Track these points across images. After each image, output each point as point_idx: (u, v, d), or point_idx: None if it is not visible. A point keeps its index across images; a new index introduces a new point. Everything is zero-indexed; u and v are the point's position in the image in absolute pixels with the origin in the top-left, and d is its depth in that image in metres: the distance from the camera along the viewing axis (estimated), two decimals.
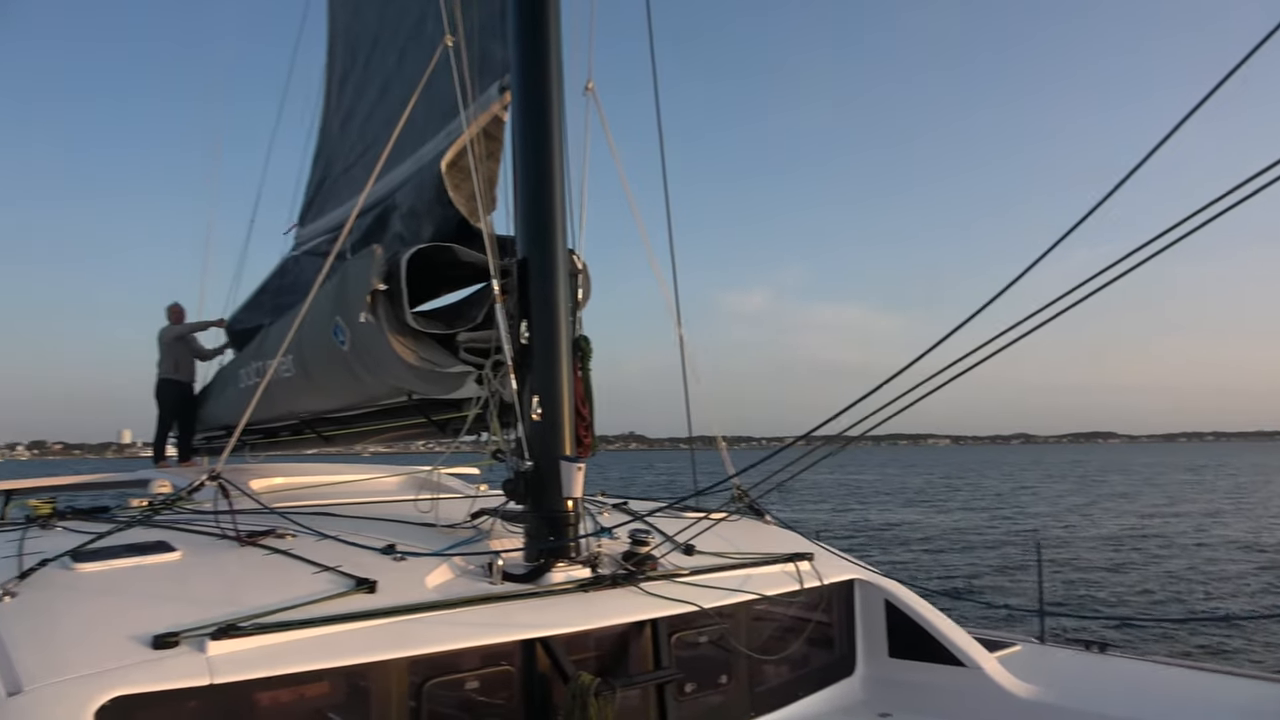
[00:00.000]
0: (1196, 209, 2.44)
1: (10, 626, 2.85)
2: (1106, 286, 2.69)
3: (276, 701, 3.02)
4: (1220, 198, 2.40)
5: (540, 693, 3.49)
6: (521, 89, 4.25)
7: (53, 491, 7.02)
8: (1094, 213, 2.65)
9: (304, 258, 7.04)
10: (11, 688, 2.58)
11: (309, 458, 8.23)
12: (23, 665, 2.65)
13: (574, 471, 3.85)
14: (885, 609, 4.72)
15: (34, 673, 2.62)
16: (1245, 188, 2.35)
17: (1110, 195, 2.63)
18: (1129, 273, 2.62)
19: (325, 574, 3.43)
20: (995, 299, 2.92)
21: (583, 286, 4.48)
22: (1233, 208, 2.39)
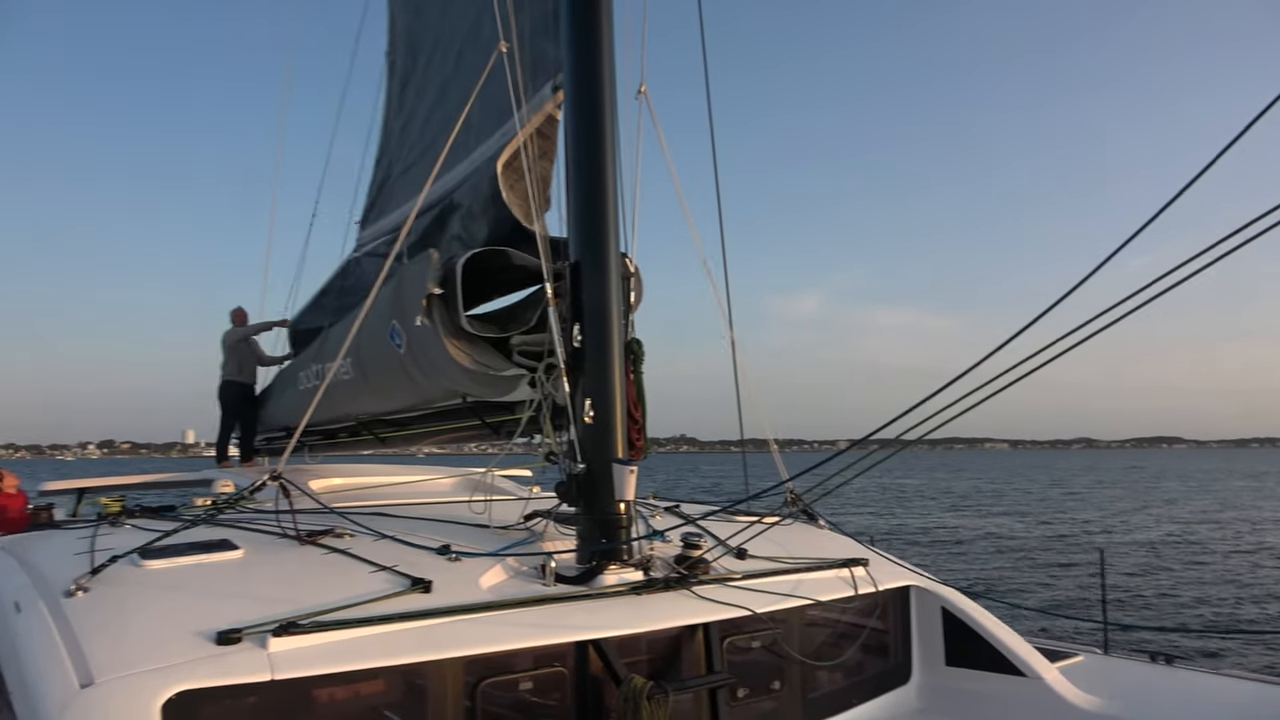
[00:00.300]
0: (1269, 209, 2.36)
1: (82, 621, 2.95)
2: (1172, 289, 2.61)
3: (334, 698, 3.08)
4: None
5: (593, 695, 3.50)
6: (574, 93, 4.28)
7: (122, 490, 7.25)
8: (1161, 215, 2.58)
9: (365, 259, 7.19)
10: (83, 680, 2.67)
11: (365, 458, 8.37)
12: (94, 658, 2.74)
13: (626, 474, 3.86)
14: (942, 616, 4.64)
15: (104, 666, 2.71)
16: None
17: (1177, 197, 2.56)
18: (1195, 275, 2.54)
19: (382, 573, 3.48)
20: (1057, 304, 2.85)
21: (635, 289, 4.50)
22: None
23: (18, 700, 2.82)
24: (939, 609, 4.66)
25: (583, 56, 4.26)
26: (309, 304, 8.10)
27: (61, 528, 4.81)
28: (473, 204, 5.21)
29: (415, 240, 5.80)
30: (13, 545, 4.13)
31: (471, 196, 5.24)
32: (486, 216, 5.03)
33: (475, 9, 5.59)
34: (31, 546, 4.00)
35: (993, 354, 2.94)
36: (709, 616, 3.76)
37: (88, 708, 2.58)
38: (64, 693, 2.63)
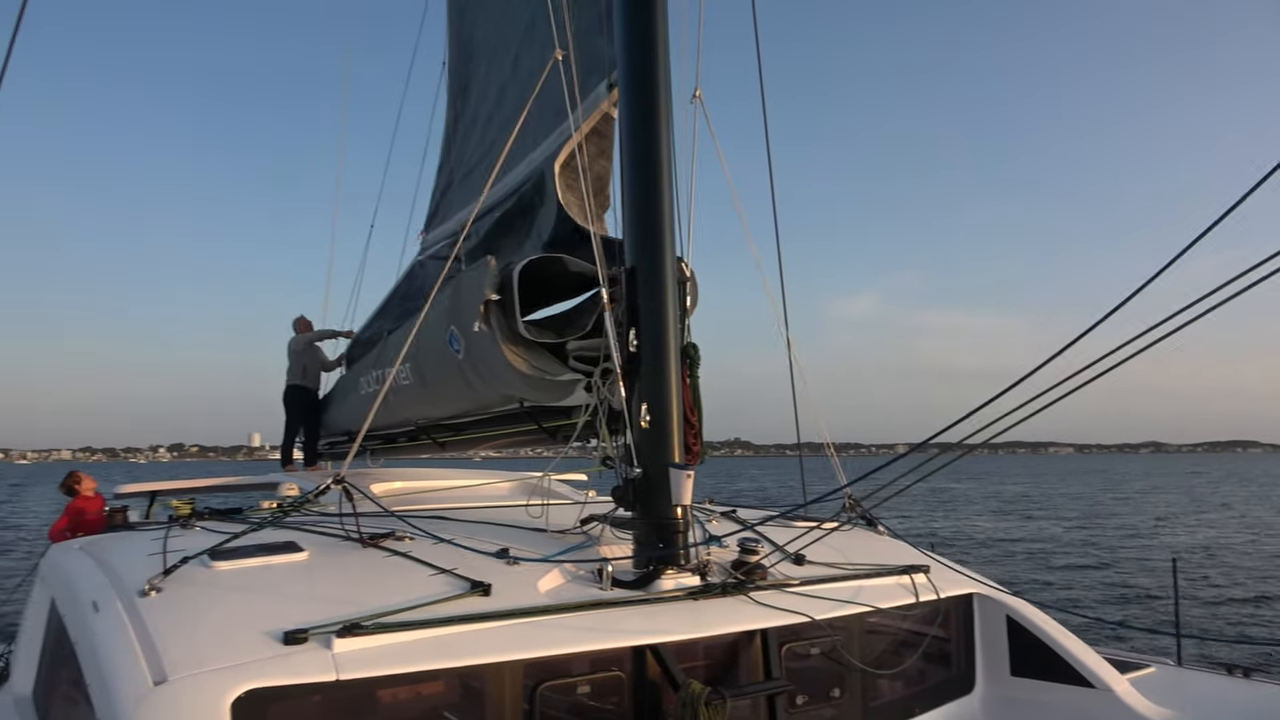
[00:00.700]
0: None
1: (156, 620, 3.04)
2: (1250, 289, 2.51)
3: (396, 698, 3.13)
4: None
5: (650, 699, 3.49)
6: (629, 97, 4.28)
7: (192, 493, 7.47)
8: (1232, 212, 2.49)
9: (429, 262, 7.32)
10: (157, 677, 2.75)
11: (423, 462, 8.50)
12: (167, 656, 2.82)
13: (683, 479, 3.84)
14: (1007, 625, 4.53)
15: (177, 664, 2.79)
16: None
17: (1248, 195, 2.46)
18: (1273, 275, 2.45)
19: (442, 576, 3.53)
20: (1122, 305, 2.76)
21: (690, 294, 4.49)
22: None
23: (96, 695, 2.92)
24: (1003, 617, 4.55)
25: (638, 61, 4.26)
26: (378, 308, 8.28)
27: (135, 529, 4.98)
28: (531, 205, 5.26)
29: (476, 243, 5.88)
30: (90, 546, 4.28)
31: (530, 198, 5.29)
32: (545, 218, 5.07)
33: (530, 12, 5.65)
34: (108, 547, 4.14)
35: (1057, 355, 2.86)
36: (767, 622, 3.73)
37: (161, 704, 2.66)
38: (139, 689, 2.71)
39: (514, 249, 5.55)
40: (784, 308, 5.57)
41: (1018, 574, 21.67)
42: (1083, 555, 25.63)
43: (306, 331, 9.53)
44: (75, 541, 4.70)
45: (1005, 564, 23.60)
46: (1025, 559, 24.98)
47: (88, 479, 7.80)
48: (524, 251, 5.37)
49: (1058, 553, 26.36)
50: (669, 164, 4.18)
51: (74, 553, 4.19)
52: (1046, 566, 23.29)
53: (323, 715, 2.98)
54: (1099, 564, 23.58)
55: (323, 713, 2.98)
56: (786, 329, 5.49)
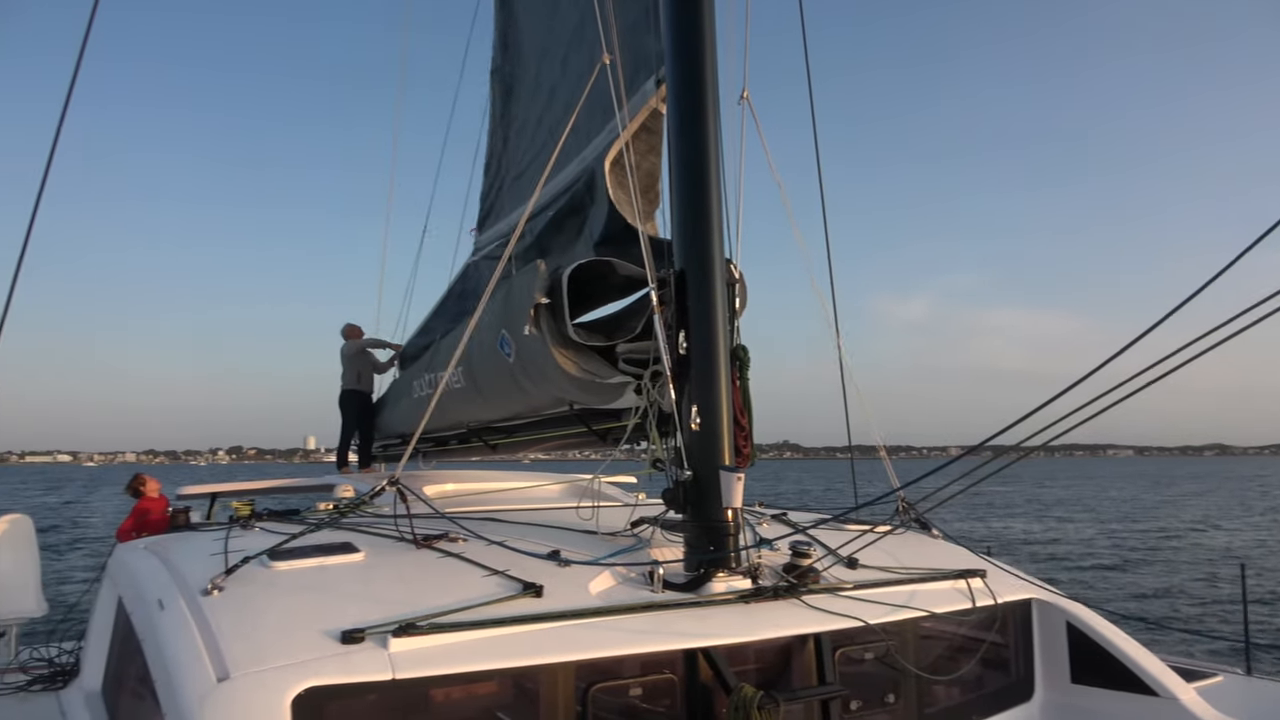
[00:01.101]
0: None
1: (219, 618, 3.11)
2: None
3: (449, 698, 3.16)
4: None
5: (702, 702, 3.48)
6: (676, 99, 4.27)
7: (251, 495, 7.64)
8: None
9: (482, 262, 7.42)
10: (220, 674, 2.82)
11: (474, 465, 8.58)
12: (229, 654, 2.89)
13: (733, 481, 3.83)
14: (1067, 631, 4.43)
15: (239, 661, 2.85)
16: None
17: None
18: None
19: (494, 577, 3.55)
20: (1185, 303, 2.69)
21: (740, 295, 4.47)
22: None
23: (161, 690, 3.00)
24: (1063, 623, 4.45)
25: (685, 63, 4.25)
26: (433, 309, 8.41)
27: (197, 530, 5.10)
28: (583, 204, 5.29)
29: (530, 242, 5.93)
30: (155, 545, 4.40)
31: (581, 197, 5.32)
32: (597, 216, 5.09)
33: (579, 12, 5.68)
34: (172, 547, 4.25)
35: (1118, 355, 2.80)
36: (820, 626, 3.69)
37: (224, 701, 2.72)
38: (202, 685, 2.78)
39: (566, 248, 5.58)
40: (834, 309, 5.53)
41: (1074, 578, 21.19)
42: (1142, 560, 24.99)
43: (355, 338, 9.72)
44: (140, 541, 4.84)
45: (1060, 568, 23.09)
46: (1081, 563, 24.42)
47: (152, 481, 8.03)
48: (576, 250, 5.40)
49: (1115, 556, 25.74)
50: (717, 166, 4.16)
51: (140, 552, 4.31)
52: (1104, 571, 22.75)
53: (378, 713, 3.02)
54: (1160, 569, 22.98)
55: (378, 711, 3.02)
56: (837, 331, 5.44)
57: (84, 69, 4.69)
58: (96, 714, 4.32)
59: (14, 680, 5.60)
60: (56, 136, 5.05)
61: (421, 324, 8.67)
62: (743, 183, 4.60)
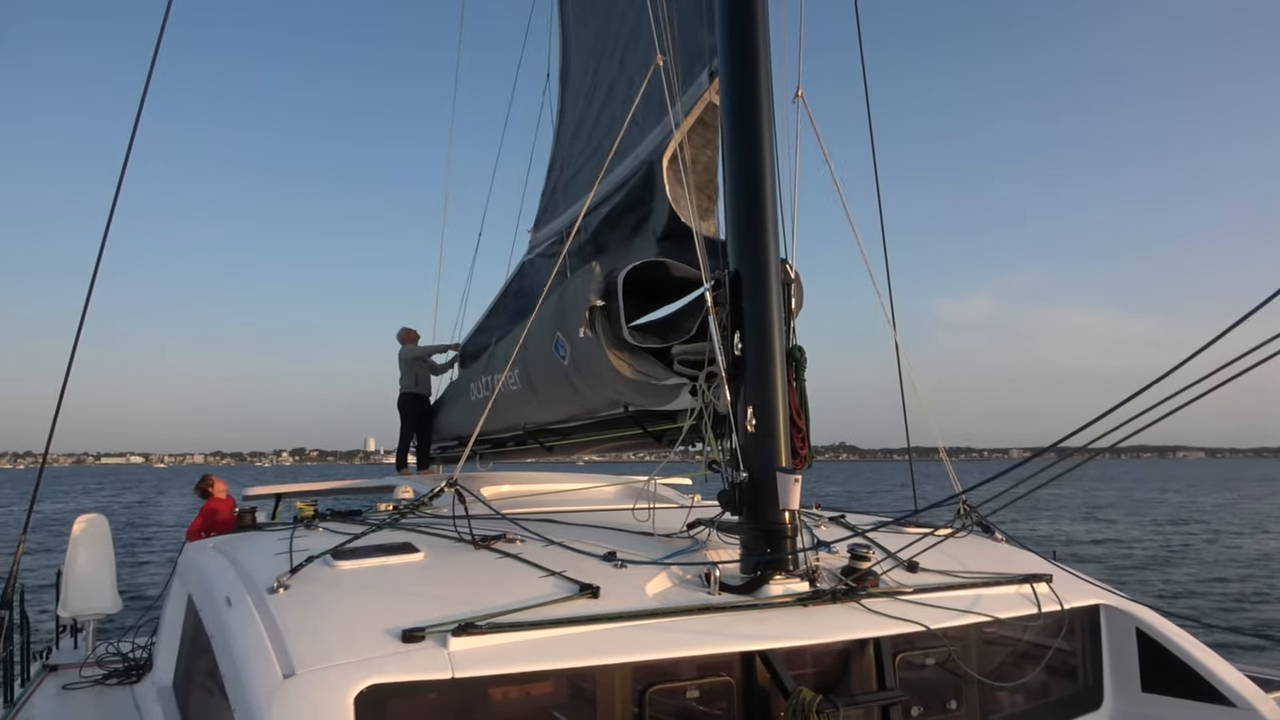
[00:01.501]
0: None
1: (284, 615, 3.18)
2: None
3: (507, 698, 3.18)
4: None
5: (759, 706, 3.45)
6: (730, 96, 4.23)
7: (314, 495, 7.81)
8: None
9: (538, 260, 7.50)
10: (286, 670, 2.88)
11: (530, 466, 8.65)
12: (295, 651, 2.95)
13: (790, 483, 3.78)
14: (1137, 638, 4.30)
15: (304, 658, 2.91)
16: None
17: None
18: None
19: (552, 578, 3.57)
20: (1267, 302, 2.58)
21: (795, 296, 4.42)
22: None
23: (230, 686, 3.08)
24: (1133, 629, 4.32)
25: (738, 57, 4.20)
26: (490, 306, 8.52)
27: (263, 529, 5.22)
28: (639, 201, 5.30)
29: (585, 239, 5.96)
30: (223, 545, 4.51)
31: (638, 193, 5.33)
32: (653, 212, 5.09)
33: (635, 11, 5.71)
34: (239, 546, 4.36)
35: (1195, 356, 2.70)
36: (880, 631, 3.63)
37: (290, 696, 2.78)
38: (269, 681, 2.85)
39: (623, 245, 5.60)
40: (892, 310, 5.45)
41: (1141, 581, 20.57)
42: (1214, 563, 24.14)
43: (411, 342, 9.88)
44: (209, 541, 4.97)
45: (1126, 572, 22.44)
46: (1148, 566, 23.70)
47: (220, 482, 8.25)
48: (633, 246, 5.41)
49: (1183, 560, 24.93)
50: (772, 165, 4.11)
51: (208, 551, 4.43)
52: (1172, 574, 22.05)
53: (438, 711, 3.06)
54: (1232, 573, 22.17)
55: (438, 709, 3.06)
56: (895, 331, 5.37)
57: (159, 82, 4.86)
58: (168, 708, 4.45)
59: (91, 674, 5.81)
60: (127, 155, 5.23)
61: (479, 322, 8.78)
62: (797, 181, 4.55)
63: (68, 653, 6.81)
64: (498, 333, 7.53)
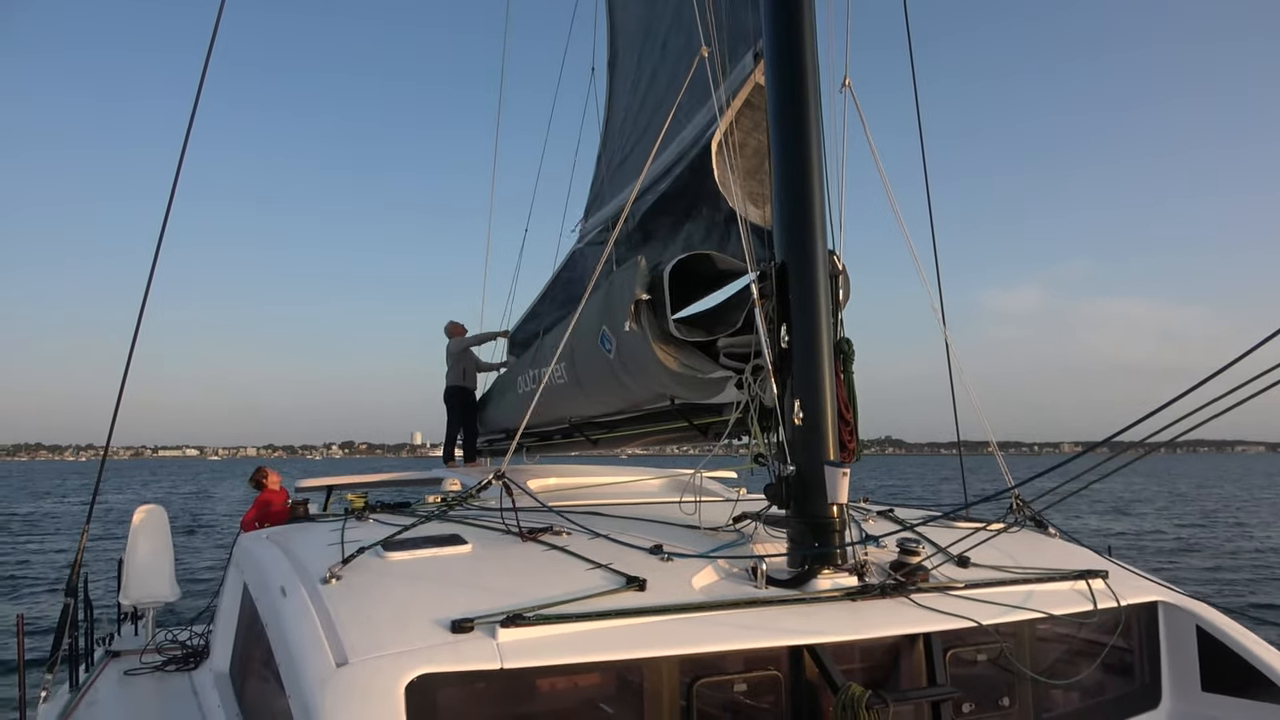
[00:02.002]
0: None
1: (337, 605, 3.24)
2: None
3: (554, 689, 3.20)
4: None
5: (808, 700, 3.43)
6: (776, 85, 4.18)
7: (364, 488, 7.93)
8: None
9: (588, 249, 7.53)
10: (339, 659, 2.93)
11: (576, 459, 8.69)
12: (347, 640, 3.00)
13: (838, 476, 3.75)
14: (1197, 636, 4.19)
15: (356, 647, 2.96)
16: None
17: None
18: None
19: (598, 571, 3.59)
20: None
21: (842, 287, 4.38)
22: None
23: (284, 673, 3.14)
24: (1193, 628, 4.21)
25: (784, 44, 4.15)
26: (540, 294, 8.58)
27: (316, 521, 5.32)
28: (687, 187, 5.29)
29: (634, 227, 5.96)
30: (277, 535, 4.61)
31: (685, 179, 5.32)
32: (702, 200, 5.08)
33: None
34: (292, 537, 4.44)
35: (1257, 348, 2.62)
36: (930, 626, 3.59)
37: (343, 685, 2.83)
38: (323, 670, 2.90)
39: (672, 232, 5.59)
40: (941, 303, 5.37)
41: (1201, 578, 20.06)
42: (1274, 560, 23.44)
43: (459, 335, 9.97)
44: (263, 531, 5.08)
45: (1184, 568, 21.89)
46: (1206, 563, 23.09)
47: (274, 474, 8.43)
48: (682, 233, 5.39)
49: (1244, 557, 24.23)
50: (819, 152, 4.05)
51: (263, 542, 4.52)
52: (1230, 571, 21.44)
53: (486, 701, 3.09)
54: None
55: (486, 699, 3.09)
56: (944, 324, 5.28)
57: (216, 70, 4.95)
58: (225, 694, 4.56)
59: (151, 660, 5.98)
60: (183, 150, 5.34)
61: (528, 309, 8.84)
62: (844, 172, 4.49)
63: (129, 639, 7.02)
64: (546, 321, 7.58)
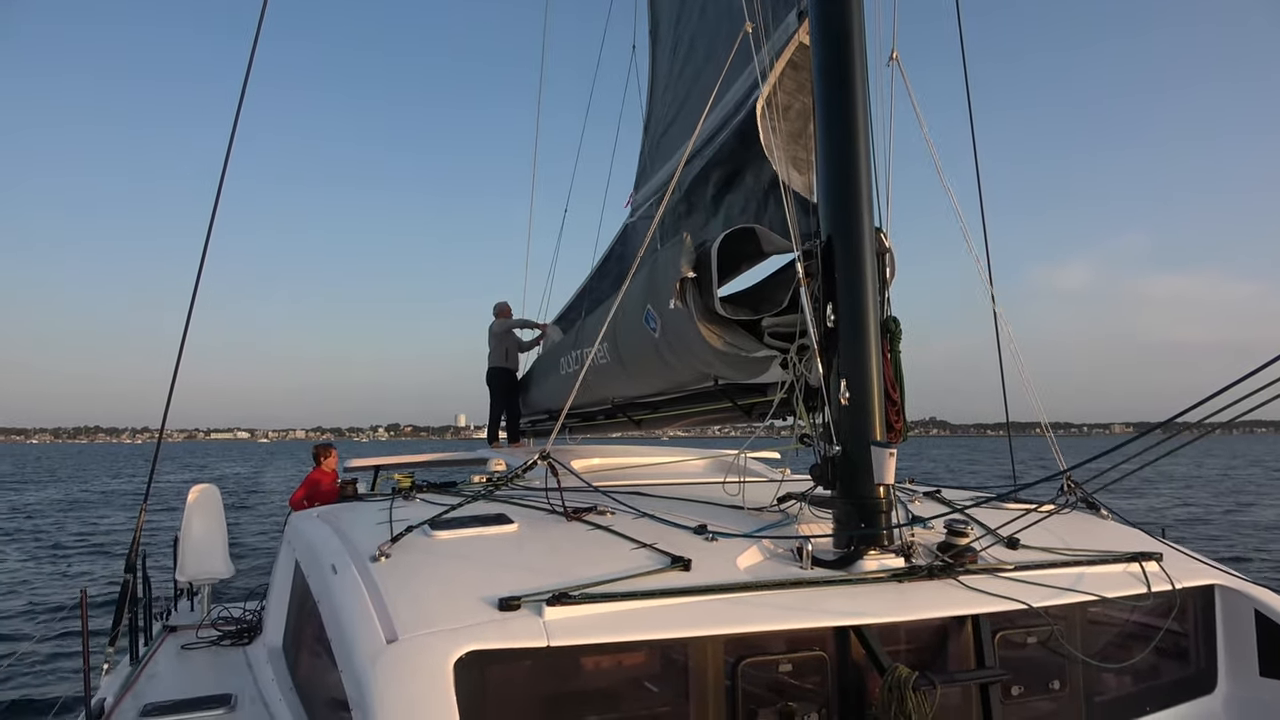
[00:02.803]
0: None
1: (386, 583, 3.28)
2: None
3: (599, 667, 3.22)
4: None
5: (854, 681, 3.41)
6: (822, 59, 4.10)
7: (410, 468, 8.04)
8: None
9: (639, 223, 7.52)
10: (389, 635, 2.97)
11: (618, 440, 8.71)
12: (398, 617, 3.05)
13: (885, 457, 3.70)
14: (1255, 620, 4.09)
15: (406, 624, 3.00)
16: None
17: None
18: None
19: (643, 550, 3.59)
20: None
21: (889, 265, 4.30)
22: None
23: (337, 648, 3.20)
24: (1251, 611, 4.11)
25: (830, 14, 4.07)
26: (594, 270, 8.60)
27: (364, 500, 5.41)
28: (731, 154, 5.24)
29: (680, 197, 5.93)
30: (327, 514, 4.69)
31: (730, 147, 5.27)
32: (747, 166, 5.03)
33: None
34: (342, 516, 4.52)
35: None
36: (979, 608, 3.54)
37: (393, 661, 2.87)
38: (374, 646, 2.95)
39: (714, 205, 5.55)
40: (990, 280, 5.26)
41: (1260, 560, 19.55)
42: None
43: (506, 316, 10.01)
44: (314, 510, 5.17)
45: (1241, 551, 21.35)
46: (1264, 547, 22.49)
47: (334, 455, 8.58)
48: (724, 206, 5.35)
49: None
50: (866, 128, 3.97)
51: (314, 521, 4.60)
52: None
53: (533, 678, 3.12)
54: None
55: (533, 676, 3.12)
56: (994, 302, 5.17)
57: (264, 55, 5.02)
58: (279, 668, 4.66)
59: (207, 635, 6.13)
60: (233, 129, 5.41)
61: (583, 284, 8.86)
62: (892, 147, 4.40)
63: (185, 614, 7.21)
64: (591, 298, 7.58)
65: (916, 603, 3.50)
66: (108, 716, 4.61)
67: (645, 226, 7.05)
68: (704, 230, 5.60)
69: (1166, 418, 3.15)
